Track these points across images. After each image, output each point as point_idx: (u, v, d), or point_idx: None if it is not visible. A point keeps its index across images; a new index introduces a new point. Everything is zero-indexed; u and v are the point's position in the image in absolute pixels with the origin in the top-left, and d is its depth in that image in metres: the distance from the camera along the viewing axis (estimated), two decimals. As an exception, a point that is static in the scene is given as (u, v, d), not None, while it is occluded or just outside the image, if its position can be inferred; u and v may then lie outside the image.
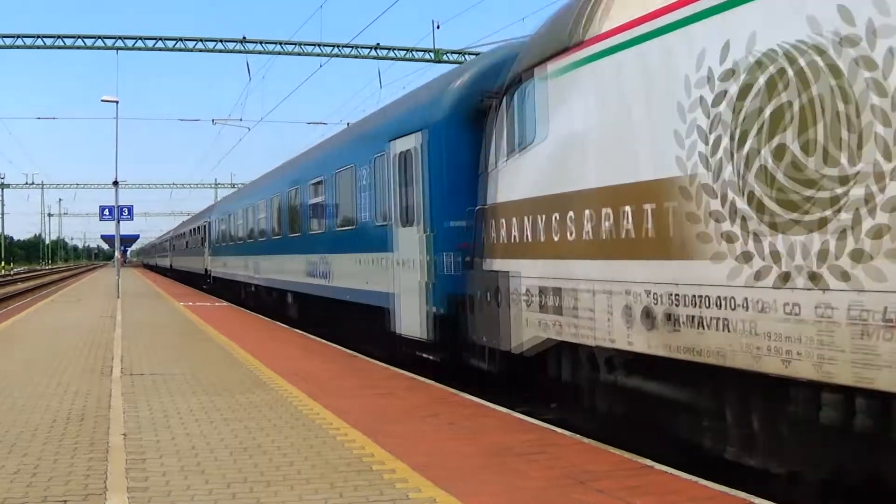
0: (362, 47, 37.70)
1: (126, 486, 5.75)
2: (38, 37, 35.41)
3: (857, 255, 4.96)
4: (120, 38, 36.28)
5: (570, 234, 7.78)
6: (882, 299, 4.80)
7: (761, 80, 5.67)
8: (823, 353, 5.16)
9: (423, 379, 10.71)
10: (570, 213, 7.77)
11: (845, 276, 5.03)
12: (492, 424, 7.87)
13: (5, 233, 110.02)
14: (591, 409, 8.19)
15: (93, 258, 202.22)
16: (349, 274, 14.70)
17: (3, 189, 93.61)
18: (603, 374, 7.66)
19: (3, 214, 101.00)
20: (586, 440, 7.22)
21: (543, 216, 8.27)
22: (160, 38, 36.72)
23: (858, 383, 4.98)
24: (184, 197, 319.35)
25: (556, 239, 8.05)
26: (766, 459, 6.10)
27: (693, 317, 6.22)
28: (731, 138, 5.90)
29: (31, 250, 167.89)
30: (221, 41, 37.05)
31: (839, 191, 5.08)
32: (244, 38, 36.88)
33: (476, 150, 10.09)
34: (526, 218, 8.64)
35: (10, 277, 69.38)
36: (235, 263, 29.49)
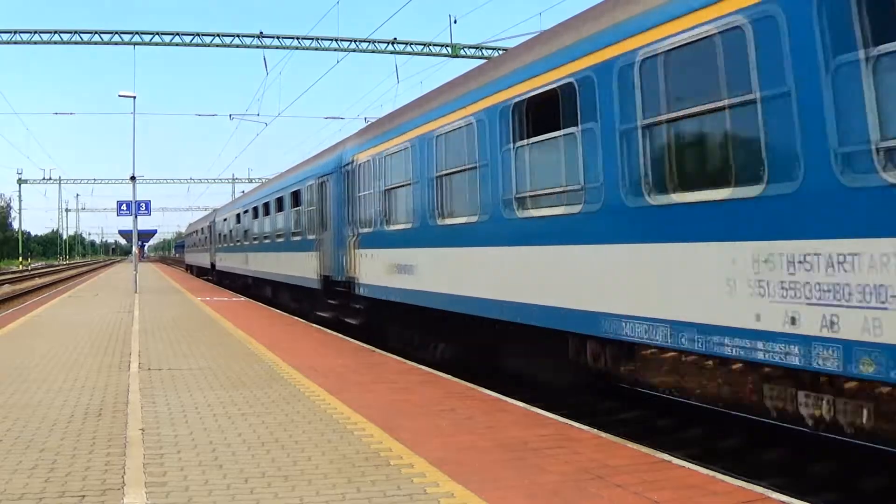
0: (380, 42, 37.72)
1: (144, 480, 5.77)
2: (55, 32, 35.60)
3: None
4: (137, 33, 36.46)
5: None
6: None
7: None
8: None
9: (438, 373, 10.71)
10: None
11: None
12: (509, 419, 7.85)
13: (23, 228, 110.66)
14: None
15: (110, 253, 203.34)
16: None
17: (20, 184, 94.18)
18: None
19: (20, 210, 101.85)
20: (604, 434, 7.19)
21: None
22: (177, 34, 36.85)
23: None
24: (201, 192, 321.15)
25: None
26: None
27: None
28: None
29: (48, 245, 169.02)
30: (238, 36, 37.15)
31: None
32: (261, 32, 36.98)
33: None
34: None
35: (27, 273, 69.93)
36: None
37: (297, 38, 37.09)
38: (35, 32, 35.37)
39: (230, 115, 48.03)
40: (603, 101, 7.67)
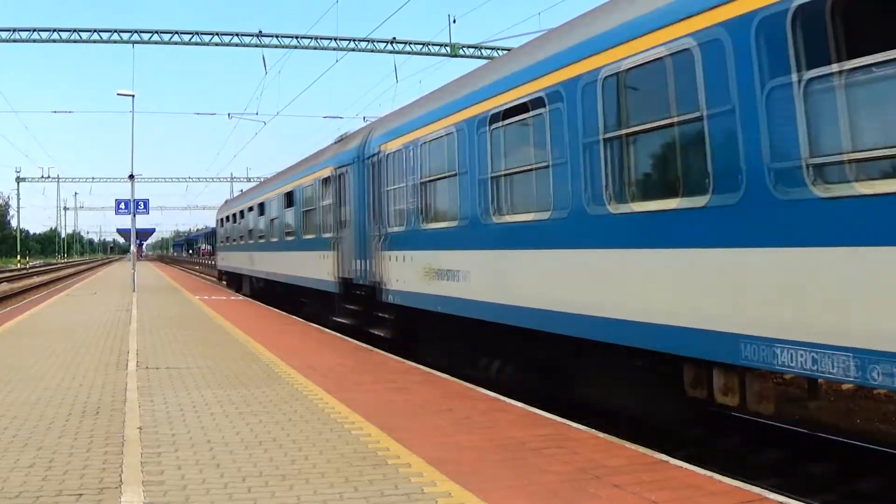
0: (378, 41, 37.78)
1: (141, 479, 5.75)
2: (55, 30, 35.61)
3: None
4: (136, 31, 36.49)
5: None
6: None
7: None
8: None
9: (437, 373, 10.70)
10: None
11: None
12: (507, 419, 7.84)
13: (21, 226, 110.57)
14: None
15: (108, 252, 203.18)
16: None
17: (18, 183, 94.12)
18: None
19: (18, 208, 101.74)
20: (602, 435, 7.18)
21: None
22: (176, 32, 36.89)
23: None
24: (199, 191, 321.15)
25: None
26: None
27: None
28: None
29: (46, 244, 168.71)
30: (237, 35, 37.21)
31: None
32: (260, 31, 37.09)
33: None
34: None
35: (25, 271, 69.85)
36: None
37: (296, 38, 37.16)
38: (34, 31, 35.38)
39: (229, 114, 48.42)
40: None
